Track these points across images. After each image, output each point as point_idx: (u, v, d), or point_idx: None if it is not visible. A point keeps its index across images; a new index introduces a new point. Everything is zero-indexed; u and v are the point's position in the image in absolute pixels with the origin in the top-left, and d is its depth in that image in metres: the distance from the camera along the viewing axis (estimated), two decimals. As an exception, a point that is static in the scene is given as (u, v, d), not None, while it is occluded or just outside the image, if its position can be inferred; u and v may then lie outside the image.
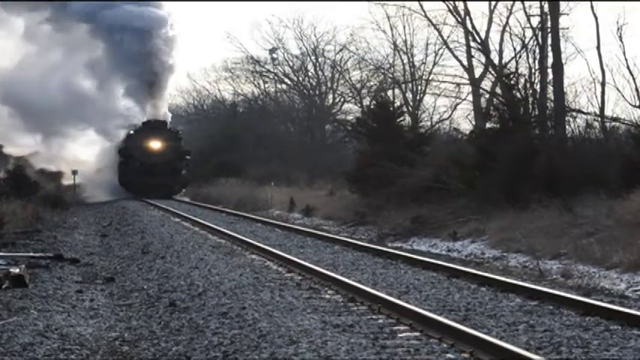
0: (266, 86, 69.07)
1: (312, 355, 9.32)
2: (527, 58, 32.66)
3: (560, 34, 32.91)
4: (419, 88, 52.40)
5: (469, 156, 28.96)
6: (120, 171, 52.18)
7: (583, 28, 61.32)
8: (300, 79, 66.28)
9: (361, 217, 29.92)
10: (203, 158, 58.20)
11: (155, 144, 51.53)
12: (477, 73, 46.49)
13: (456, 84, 49.92)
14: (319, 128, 64.74)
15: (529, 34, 34.18)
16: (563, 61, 32.49)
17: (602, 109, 31.14)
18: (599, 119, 30.26)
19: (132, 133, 52.21)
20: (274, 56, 66.20)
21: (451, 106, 52.63)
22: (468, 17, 43.11)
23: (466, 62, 46.80)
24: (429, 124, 50.71)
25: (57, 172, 51.53)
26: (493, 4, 44.49)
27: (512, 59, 38.11)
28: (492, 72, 43.21)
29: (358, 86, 60.62)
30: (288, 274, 16.10)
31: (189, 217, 31.32)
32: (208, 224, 27.45)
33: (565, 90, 31.40)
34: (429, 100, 53.69)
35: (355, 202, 33.33)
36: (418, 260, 17.83)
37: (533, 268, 17.60)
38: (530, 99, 30.36)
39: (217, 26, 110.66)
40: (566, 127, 29.70)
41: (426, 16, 46.53)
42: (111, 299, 14.03)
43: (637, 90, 29.13)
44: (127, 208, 38.57)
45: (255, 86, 69.37)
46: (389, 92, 49.98)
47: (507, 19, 42.06)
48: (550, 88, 32.00)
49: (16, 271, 14.85)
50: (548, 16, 32.83)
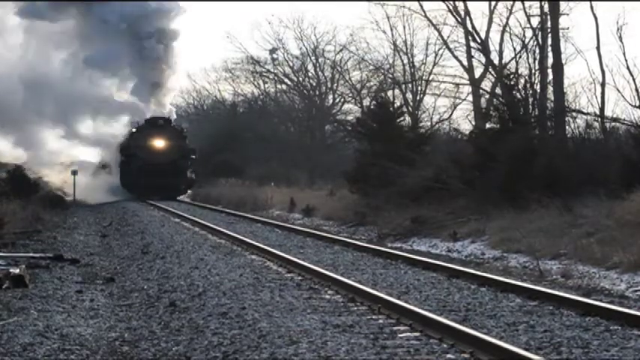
0: (266, 86, 69.12)
1: (312, 355, 9.32)
2: (527, 59, 32.66)
3: (560, 34, 32.93)
4: (419, 88, 52.42)
5: (469, 156, 28.95)
6: (121, 171, 49.97)
7: (583, 28, 61.35)
8: (300, 79, 66.29)
9: (361, 218, 29.92)
10: (203, 158, 58.01)
11: (159, 142, 49.16)
12: (477, 73, 46.56)
13: (455, 84, 50.02)
14: (319, 128, 64.74)
15: (529, 34, 34.21)
16: (563, 62, 32.52)
17: (602, 109, 31.12)
18: (599, 119, 30.23)
19: (134, 130, 49.75)
20: (274, 56, 66.21)
21: (451, 107, 52.72)
22: (468, 17, 43.19)
23: (466, 62, 46.86)
24: (429, 124, 50.77)
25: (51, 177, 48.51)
26: (493, 4, 44.56)
27: (512, 59, 38.14)
28: (492, 72, 43.23)
29: (358, 86, 60.65)
30: (288, 274, 16.10)
31: (189, 217, 31.32)
32: (208, 224, 27.45)
33: (565, 90, 31.41)
34: (429, 100, 53.75)
35: (355, 202, 33.32)
36: (418, 260, 17.83)
37: (533, 268, 17.60)
38: (530, 99, 30.35)
39: (217, 26, 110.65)
40: (566, 127, 29.69)
41: (426, 16, 46.61)
42: (111, 299, 14.03)
43: (637, 90, 29.10)
44: (127, 209, 38.58)
45: (255, 86, 69.42)
46: (389, 92, 49.95)
47: (507, 19, 42.15)
48: (550, 89, 31.99)
49: (16, 271, 14.86)
50: (548, 16, 32.83)
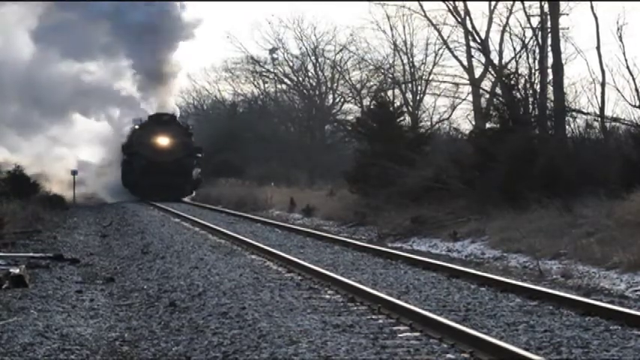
0: (266, 86, 69.12)
1: (312, 355, 9.32)
2: (527, 58, 32.66)
3: (560, 34, 32.95)
4: (419, 88, 52.46)
5: (469, 156, 28.96)
6: (123, 171, 47.44)
7: (583, 28, 61.37)
8: (300, 79, 66.30)
9: (361, 217, 29.92)
10: (203, 158, 57.81)
11: (163, 140, 46.68)
12: (477, 73, 46.59)
13: (455, 84, 50.04)
14: (319, 128, 64.75)
15: (529, 34, 34.20)
16: (563, 61, 32.54)
17: (602, 109, 31.13)
18: (599, 119, 30.24)
19: (136, 127, 47.30)
20: (274, 56, 66.23)
21: (451, 106, 52.76)
22: (467, 17, 43.18)
23: (466, 62, 46.89)
24: (429, 124, 50.81)
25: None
26: (493, 4, 44.58)
27: (512, 59, 38.15)
28: (492, 72, 43.23)
29: (358, 86, 60.67)
30: (288, 274, 16.10)
31: (189, 217, 31.32)
32: (208, 224, 27.45)
33: (565, 90, 31.43)
34: (428, 100, 53.78)
35: (355, 202, 33.32)
36: (418, 260, 17.84)
37: (533, 268, 17.60)
38: (530, 99, 30.35)
39: (217, 26, 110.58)
40: (566, 127, 29.70)
41: (425, 16, 46.63)
42: (111, 299, 14.03)
43: (637, 90, 29.11)
44: (127, 209, 38.58)
45: (255, 86, 69.43)
46: (389, 92, 49.96)
47: (507, 19, 42.14)
48: (550, 88, 32.00)
49: (16, 271, 14.86)
50: (548, 16, 32.83)
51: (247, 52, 67.31)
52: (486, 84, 45.09)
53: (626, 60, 29.67)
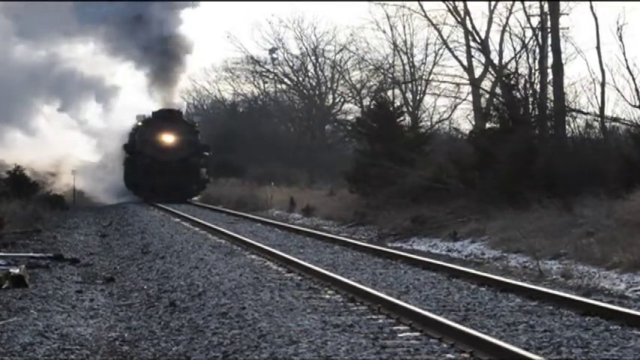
0: (266, 86, 69.14)
1: (312, 355, 9.32)
2: (527, 58, 32.71)
3: (560, 34, 32.95)
4: (419, 88, 52.50)
5: (469, 156, 28.96)
6: (126, 170, 44.81)
7: (583, 28, 61.33)
8: (300, 79, 66.33)
9: (361, 217, 29.92)
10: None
11: (168, 138, 44.09)
12: (477, 73, 46.60)
13: (455, 84, 50.06)
14: (319, 128, 64.77)
15: (529, 34, 34.24)
16: (563, 61, 32.55)
17: (602, 109, 31.12)
18: (599, 119, 30.25)
19: (140, 124, 44.69)
20: (274, 56, 66.27)
21: (451, 106, 52.84)
22: (467, 17, 43.22)
23: (466, 62, 46.89)
24: (429, 124, 50.89)
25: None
26: (493, 4, 44.59)
27: (512, 59, 38.21)
28: (492, 72, 43.26)
29: (358, 86, 60.73)
30: (288, 274, 16.10)
31: (189, 217, 31.31)
32: (208, 224, 27.44)
33: (565, 90, 31.44)
34: (429, 100, 53.84)
35: (355, 202, 33.33)
36: (418, 260, 17.83)
37: (533, 268, 17.60)
38: (530, 99, 30.38)
39: (217, 26, 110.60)
40: (566, 127, 29.72)
41: (425, 16, 46.65)
42: (111, 299, 14.03)
43: (637, 90, 29.10)
44: (127, 208, 38.56)
45: (255, 86, 69.45)
46: (389, 92, 50.02)
47: (507, 19, 42.17)
48: (550, 88, 32.01)
49: (16, 271, 14.86)
50: (548, 16, 32.84)
51: (247, 52, 67.44)
52: (486, 84, 45.14)
53: (626, 60, 29.69)
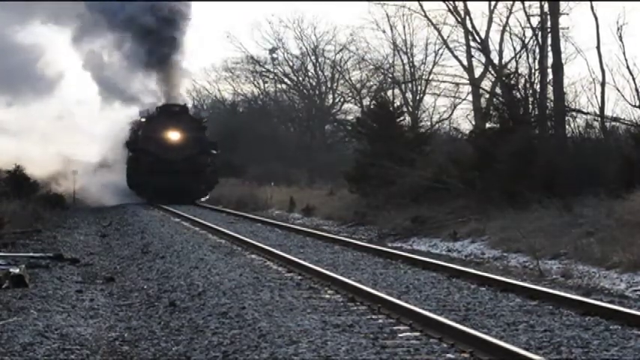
0: (266, 86, 69.12)
1: (312, 355, 9.32)
2: (527, 58, 32.70)
3: (560, 34, 32.96)
4: (419, 88, 52.49)
5: (469, 156, 28.96)
6: (129, 170, 42.29)
7: (583, 28, 61.41)
8: (300, 79, 66.33)
9: (361, 217, 29.92)
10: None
11: (173, 134, 41.41)
12: (477, 73, 46.61)
13: (455, 84, 50.06)
14: (319, 128, 64.76)
15: (529, 34, 34.22)
16: (563, 61, 32.55)
17: (602, 109, 31.14)
18: (599, 119, 30.26)
19: (143, 120, 42.18)
20: (274, 56, 66.24)
21: (451, 106, 52.80)
22: (467, 17, 43.19)
23: (466, 62, 46.90)
24: (429, 124, 50.86)
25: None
26: (493, 4, 44.57)
27: (512, 59, 38.18)
28: (492, 72, 43.25)
29: (358, 86, 60.71)
30: (288, 274, 16.10)
31: (189, 216, 31.29)
32: (208, 224, 27.43)
33: (565, 90, 31.45)
34: (428, 100, 53.82)
35: (355, 202, 33.33)
36: (418, 260, 17.83)
37: (533, 268, 17.60)
38: (530, 99, 30.38)
39: (217, 26, 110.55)
40: (566, 127, 29.73)
41: (425, 16, 46.64)
42: (111, 299, 14.03)
43: (637, 90, 29.14)
44: (127, 208, 38.53)
45: (255, 86, 69.42)
46: (389, 92, 50.03)
47: (507, 19, 42.15)
48: (550, 88, 32.01)
49: (16, 271, 14.86)
50: (548, 16, 32.84)
51: (247, 52, 67.39)
52: (486, 84, 45.12)
53: (626, 60, 29.73)
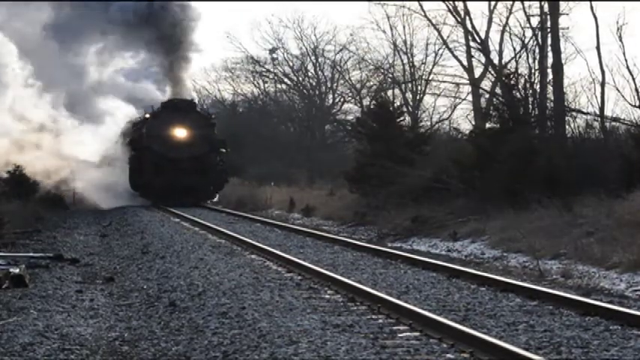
0: (266, 86, 69.08)
1: (311, 355, 9.31)
2: (527, 58, 32.72)
3: (560, 34, 32.98)
4: (419, 88, 52.50)
5: (469, 156, 28.95)
6: (132, 169, 40.14)
7: (583, 28, 61.45)
8: (300, 79, 66.29)
9: (361, 217, 29.92)
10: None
11: (180, 132, 39.14)
12: (477, 73, 46.62)
13: (455, 84, 50.08)
14: (319, 128, 64.73)
15: (529, 34, 34.25)
16: (563, 61, 32.59)
17: (601, 109, 31.14)
18: (599, 119, 30.26)
19: (147, 117, 39.96)
20: (274, 56, 66.20)
21: (451, 106, 52.81)
22: (467, 17, 43.25)
23: (466, 62, 46.91)
24: (429, 124, 50.85)
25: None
26: (493, 4, 44.59)
27: (512, 59, 38.21)
28: (492, 72, 43.27)
29: (358, 86, 60.69)
30: (287, 274, 16.10)
31: (188, 217, 31.30)
32: (208, 224, 27.43)
33: (565, 90, 31.46)
34: (428, 100, 53.83)
35: (355, 202, 33.33)
36: (418, 260, 17.83)
37: (533, 268, 17.60)
38: (530, 99, 30.39)
39: (217, 26, 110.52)
40: (566, 127, 29.73)
41: (425, 16, 46.67)
42: (111, 299, 14.03)
43: (637, 90, 29.12)
44: (127, 209, 38.53)
45: (255, 86, 69.38)
46: (389, 92, 50.03)
47: (507, 19, 42.18)
48: (550, 88, 32.03)
49: (16, 271, 14.86)
50: (548, 16, 32.86)
51: (247, 52, 67.34)
52: (486, 84, 45.14)
53: (626, 60, 29.71)
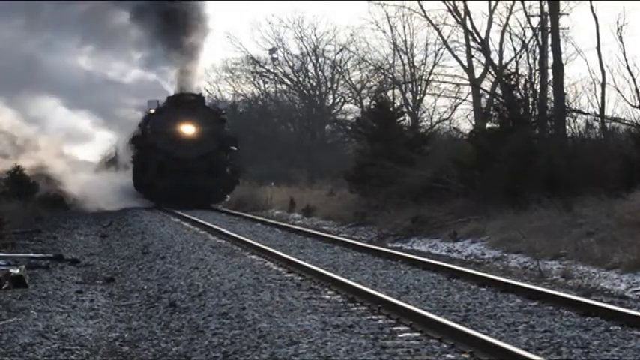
0: (266, 86, 69.07)
1: (312, 355, 9.32)
2: (528, 59, 32.76)
3: (560, 35, 33.01)
4: (419, 88, 52.57)
5: (469, 156, 28.95)
6: (135, 169, 37.87)
7: (583, 28, 61.45)
8: (300, 79, 66.30)
9: (361, 217, 29.91)
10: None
11: (187, 128, 36.86)
12: (477, 73, 46.69)
13: (456, 84, 50.13)
14: (319, 128, 64.75)
15: (529, 34, 34.30)
16: (563, 62, 32.64)
17: (602, 109, 31.20)
18: (599, 119, 30.28)
19: (152, 112, 37.54)
20: (274, 56, 66.18)
21: (451, 106, 52.85)
22: (467, 17, 43.32)
23: (466, 62, 46.97)
24: (429, 124, 50.89)
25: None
26: (493, 4, 44.68)
27: (512, 59, 38.27)
28: (492, 72, 43.32)
29: (358, 86, 60.72)
30: (288, 274, 16.10)
31: (189, 217, 31.29)
32: (208, 224, 27.43)
33: (565, 90, 31.51)
34: (429, 100, 53.88)
35: (355, 202, 33.32)
36: (418, 260, 17.82)
37: (533, 268, 17.60)
38: (530, 99, 30.39)
39: (217, 26, 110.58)
40: (566, 127, 29.74)
41: (425, 16, 46.75)
42: (111, 299, 14.04)
43: (637, 90, 29.17)
44: (127, 209, 38.51)
45: (255, 86, 69.36)
46: (389, 92, 50.07)
47: (507, 19, 42.27)
48: (550, 89, 32.04)
49: (16, 271, 14.86)
50: (548, 16, 32.88)
51: (247, 52, 67.33)
52: (486, 84, 45.22)
53: (626, 60, 29.77)
